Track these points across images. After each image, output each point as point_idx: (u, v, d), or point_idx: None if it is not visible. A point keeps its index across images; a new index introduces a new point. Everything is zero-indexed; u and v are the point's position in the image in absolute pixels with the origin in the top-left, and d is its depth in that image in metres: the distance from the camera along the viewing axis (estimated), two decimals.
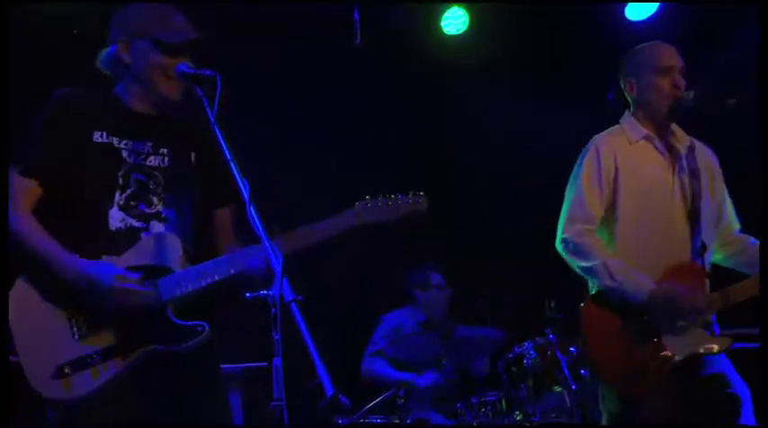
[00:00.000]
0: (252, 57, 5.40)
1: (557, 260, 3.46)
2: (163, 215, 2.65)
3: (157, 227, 2.64)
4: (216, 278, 2.54)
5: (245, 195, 2.13)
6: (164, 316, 2.52)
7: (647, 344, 3.17)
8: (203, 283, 2.54)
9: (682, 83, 3.33)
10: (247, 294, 2.03)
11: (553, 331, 4.47)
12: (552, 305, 4.51)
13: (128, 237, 2.58)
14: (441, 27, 5.85)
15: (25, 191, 2.57)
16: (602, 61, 5.36)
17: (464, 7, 5.79)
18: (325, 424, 4.55)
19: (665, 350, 3.16)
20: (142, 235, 2.60)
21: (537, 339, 4.51)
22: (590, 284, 3.36)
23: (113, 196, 2.60)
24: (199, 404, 2.61)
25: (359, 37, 4.17)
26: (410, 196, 2.73)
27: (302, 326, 1.88)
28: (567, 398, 4.36)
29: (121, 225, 2.59)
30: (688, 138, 3.44)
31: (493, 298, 5.65)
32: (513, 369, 4.59)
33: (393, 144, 6.17)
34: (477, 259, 6.17)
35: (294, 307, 1.92)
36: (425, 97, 6.19)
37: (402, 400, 4.85)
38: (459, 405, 4.79)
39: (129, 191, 2.62)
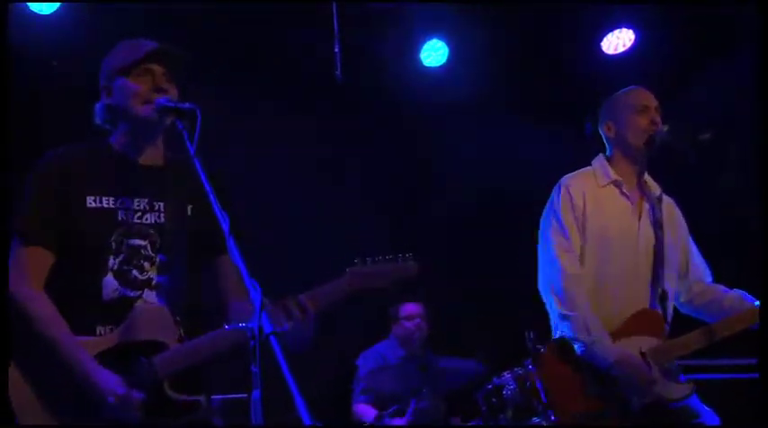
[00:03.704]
0: (230, 92, 5.44)
1: (537, 290, 3.49)
2: (154, 282, 2.64)
3: (150, 295, 2.63)
4: (209, 355, 2.55)
5: (225, 228, 2.14)
6: (161, 393, 2.51)
7: (606, 391, 3.20)
8: (197, 360, 2.54)
9: (658, 120, 3.40)
10: (226, 326, 2.03)
11: (533, 362, 4.47)
12: (532, 336, 4.51)
13: (121, 307, 2.57)
14: (420, 59, 5.91)
15: (36, 259, 2.56)
16: (579, 94, 5.45)
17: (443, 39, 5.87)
18: None
19: (625, 398, 3.20)
20: (135, 304, 2.59)
21: (516, 370, 4.51)
22: (553, 328, 3.40)
23: (107, 263, 2.59)
24: None
25: (339, 70, 4.20)
26: (399, 261, 2.71)
27: (281, 359, 1.88)
28: None
29: (114, 294, 2.58)
30: (658, 188, 3.51)
31: (473, 329, 5.68)
32: (493, 400, 4.58)
33: (373, 176, 6.19)
34: (457, 291, 6.18)
35: (273, 339, 1.92)
36: (405, 129, 6.22)
37: None
38: None
39: (121, 257, 2.61)
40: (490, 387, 4.63)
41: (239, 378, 2.08)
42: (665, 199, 3.53)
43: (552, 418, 3.45)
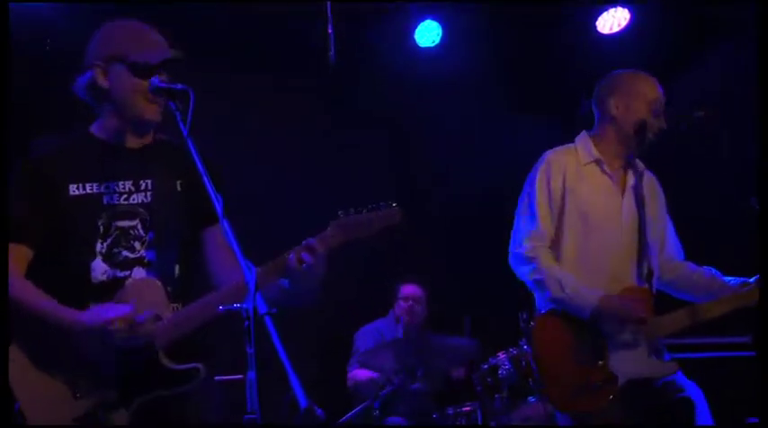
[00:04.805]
0: (225, 75, 5.41)
1: None
2: (146, 259, 2.62)
3: (139, 272, 2.61)
4: (204, 320, 2.53)
5: (219, 210, 2.14)
6: (157, 363, 2.51)
7: (594, 366, 3.22)
8: (192, 326, 2.53)
9: (662, 115, 3.39)
10: (220, 307, 2.03)
11: (527, 342, 4.50)
12: (525, 316, 4.54)
13: (111, 288, 2.56)
14: (414, 40, 5.88)
15: (16, 255, 2.56)
16: (573, 75, 5.44)
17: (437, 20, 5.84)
18: None
19: (611, 372, 3.21)
20: (125, 283, 2.58)
21: (511, 350, 4.54)
22: (539, 303, 3.42)
23: (95, 247, 2.58)
24: None
25: (333, 52, 4.18)
26: (383, 208, 2.66)
27: (275, 339, 1.88)
28: (541, 408, 4.38)
29: (104, 277, 2.57)
30: (641, 164, 3.50)
31: (468, 309, 5.69)
32: (488, 380, 4.61)
33: (367, 157, 6.18)
34: (452, 271, 6.20)
35: (267, 320, 1.92)
36: (399, 109, 6.20)
37: (377, 411, 4.86)
38: (434, 416, 4.83)
39: (110, 240, 2.59)
40: (486, 367, 4.66)
41: (235, 360, 2.08)
42: (647, 175, 3.54)
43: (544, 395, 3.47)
